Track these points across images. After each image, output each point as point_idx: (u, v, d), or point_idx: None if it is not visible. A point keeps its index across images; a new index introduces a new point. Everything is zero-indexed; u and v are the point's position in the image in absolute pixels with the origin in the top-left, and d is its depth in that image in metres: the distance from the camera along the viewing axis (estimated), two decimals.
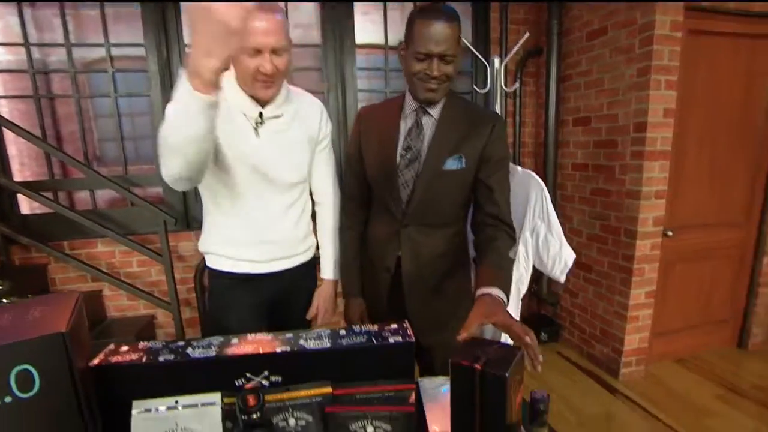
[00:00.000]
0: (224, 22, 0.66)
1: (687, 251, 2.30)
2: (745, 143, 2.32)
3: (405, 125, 1.12)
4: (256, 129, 1.10)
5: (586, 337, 2.45)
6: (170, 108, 0.79)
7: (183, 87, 0.74)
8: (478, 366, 0.65)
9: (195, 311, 2.38)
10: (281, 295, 1.26)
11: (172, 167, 0.87)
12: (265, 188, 1.14)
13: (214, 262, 1.21)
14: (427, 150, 1.09)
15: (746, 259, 2.49)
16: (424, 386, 1.06)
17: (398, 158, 1.11)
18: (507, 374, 0.62)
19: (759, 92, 2.27)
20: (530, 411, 0.62)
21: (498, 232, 1.08)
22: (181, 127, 0.79)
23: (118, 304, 2.30)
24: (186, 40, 2.20)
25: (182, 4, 2.15)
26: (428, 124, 1.10)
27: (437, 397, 1.02)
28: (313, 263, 1.35)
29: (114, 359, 0.76)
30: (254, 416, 0.69)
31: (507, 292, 0.97)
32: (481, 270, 1.03)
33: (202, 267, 2.19)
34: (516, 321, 0.81)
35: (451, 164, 1.07)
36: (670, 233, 2.18)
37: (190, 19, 0.68)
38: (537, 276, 2.55)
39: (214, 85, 0.74)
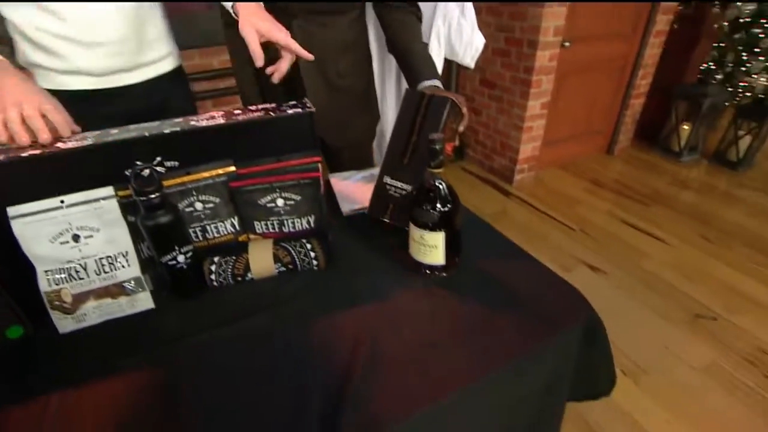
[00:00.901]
0: None
1: (579, 63, 2.44)
2: None
3: None
4: None
5: (487, 152, 2.69)
6: None
7: None
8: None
9: None
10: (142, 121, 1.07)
11: None
12: None
13: (42, 79, 0.95)
14: None
15: (626, 72, 2.74)
16: (334, 178, 1.10)
17: None
18: (448, 101, 0.80)
19: None
20: (429, 154, 0.66)
21: (407, 16, 1.01)
22: None
23: None
24: None
25: None
26: None
27: (347, 183, 1.07)
28: (180, 75, 1.14)
29: None
30: (153, 196, 0.66)
31: (438, 78, 0.99)
32: (402, 61, 1.00)
33: None
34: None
35: None
36: (567, 44, 2.27)
37: None
38: None
39: None
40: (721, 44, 3.41)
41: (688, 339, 1.54)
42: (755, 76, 3.41)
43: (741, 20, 3.33)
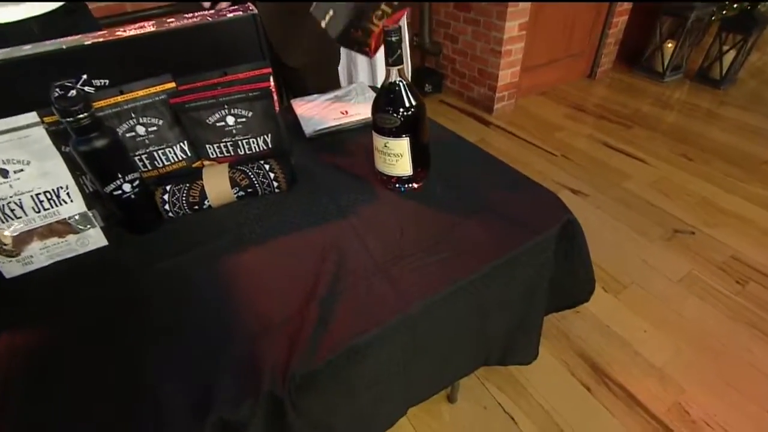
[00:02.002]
0: None
1: None
2: None
3: None
4: None
5: (465, 81, 2.58)
6: None
7: None
8: None
9: None
10: None
11: None
12: None
13: None
14: None
15: None
16: (296, 102, 1.02)
17: None
18: None
19: None
20: (386, 49, 0.60)
21: None
22: None
23: None
24: None
25: None
26: None
27: (309, 105, 1.00)
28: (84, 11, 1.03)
29: None
30: (82, 117, 0.59)
31: None
32: None
33: None
34: None
35: None
36: None
37: None
38: (419, 29, 2.44)
39: None
40: None
41: (666, 254, 1.57)
42: None
43: None
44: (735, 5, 2.88)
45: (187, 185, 0.71)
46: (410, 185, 0.72)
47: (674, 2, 2.64)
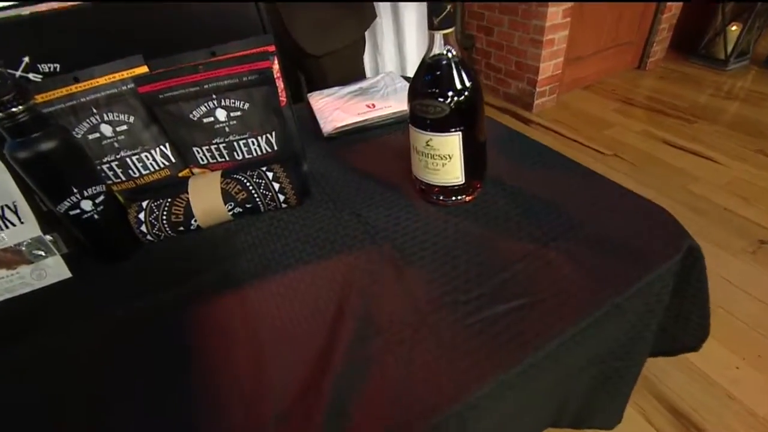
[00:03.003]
0: None
1: None
2: None
3: None
4: None
5: (501, 76, 2.36)
6: None
7: None
8: None
9: None
10: None
11: None
12: None
13: None
14: None
15: None
16: (313, 97, 0.86)
17: None
18: None
19: None
20: (429, 6, 0.41)
21: None
22: None
23: None
24: None
25: None
26: None
27: (329, 100, 0.83)
28: None
29: None
30: (16, 110, 0.43)
31: None
32: None
33: None
34: None
35: None
36: None
37: None
38: None
39: None
40: None
41: (753, 270, 1.31)
42: None
43: None
44: None
45: (169, 200, 0.54)
46: (460, 198, 0.54)
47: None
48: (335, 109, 0.78)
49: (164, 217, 0.54)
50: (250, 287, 0.47)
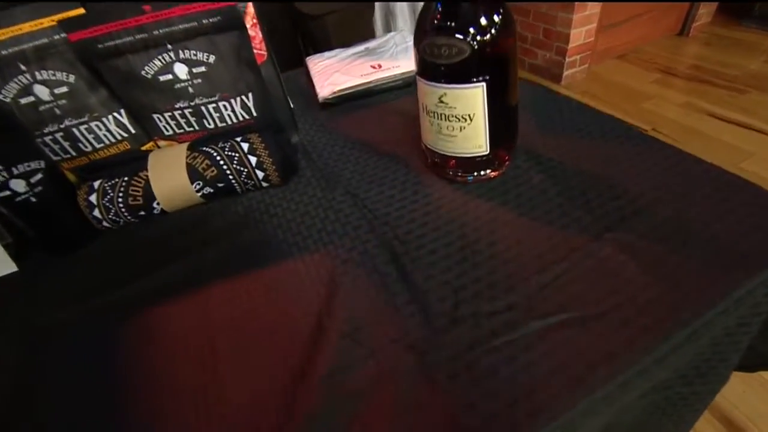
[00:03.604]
0: None
1: None
2: None
3: None
4: None
5: (527, 46, 2.18)
6: None
7: None
8: None
9: None
10: None
11: None
12: None
13: None
14: None
15: None
16: (312, 60, 0.74)
17: None
18: None
19: None
20: None
21: None
22: None
23: None
24: None
25: None
26: None
27: (329, 62, 0.71)
28: None
29: None
30: None
31: None
32: None
33: None
34: None
35: None
36: None
37: None
38: None
39: None
40: None
41: None
42: None
43: None
44: None
45: (125, 179, 0.45)
46: (484, 173, 0.42)
47: None
48: (335, 72, 0.66)
49: (120, 200, 0.44)
50: (216, 286, 0.38)
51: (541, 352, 0.28)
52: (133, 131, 0.47)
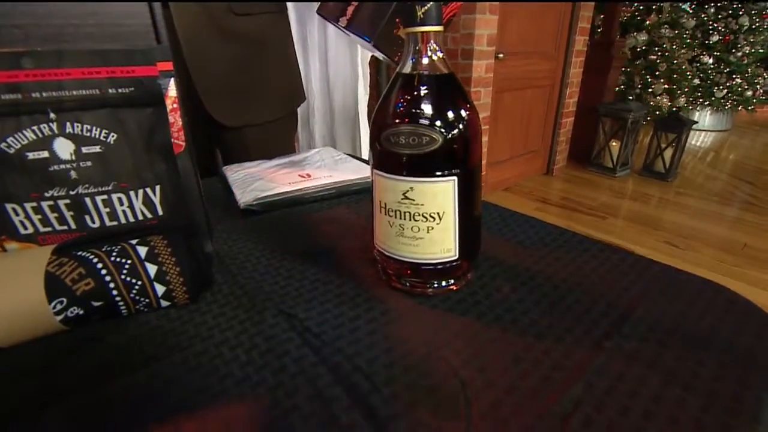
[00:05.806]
0: None
1: (514, 78, 2.32)
2: None
3: None
4: None
5: None
6: None
7: None
8: None
9: None
10: None
11: None
12: None
13: None
14: None
15: (555, 91, 2.70)
16: (230, 168, 0.68)
17: None
18: None
19: None
20: None
21: None
22: None
23: None
24: None
25: None
26: None
27: (249, 171, 0.65)
28: None
29: None
30: None
31: None
32: None
33: None
34: None
35: None
36: (501, 56, 2.14)
37: None
38: None
39: None
40: (627, 69, 3.65)
41: None
42: (659, 98, 3.66)
43: (638, 48, 3.61)
44: (657, 112, 3.14)
45: None
46: (446, 283, 0.36)
47: (610, 105, 2.81)
48: (259, 179, 0.60)
49: None
50: None
51: None
52: None
